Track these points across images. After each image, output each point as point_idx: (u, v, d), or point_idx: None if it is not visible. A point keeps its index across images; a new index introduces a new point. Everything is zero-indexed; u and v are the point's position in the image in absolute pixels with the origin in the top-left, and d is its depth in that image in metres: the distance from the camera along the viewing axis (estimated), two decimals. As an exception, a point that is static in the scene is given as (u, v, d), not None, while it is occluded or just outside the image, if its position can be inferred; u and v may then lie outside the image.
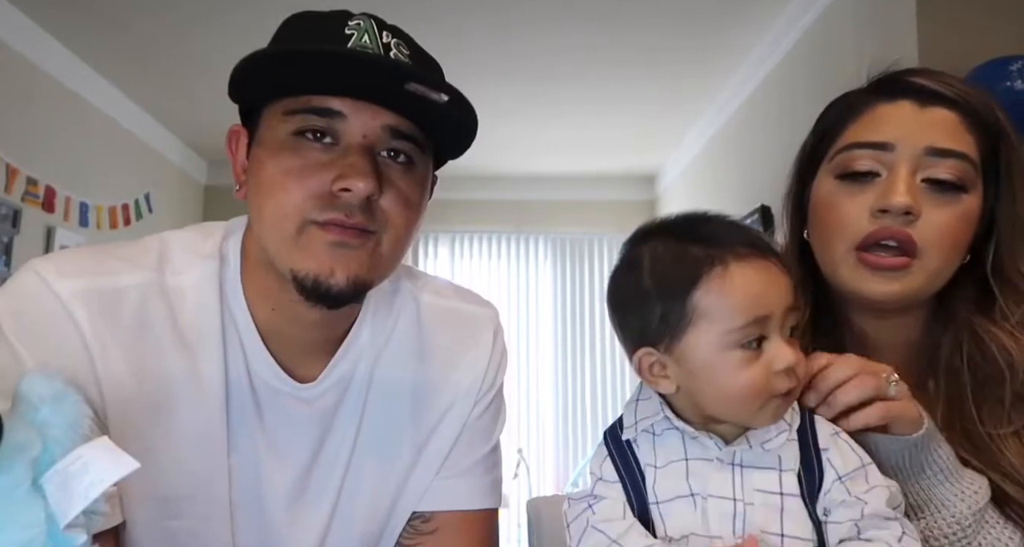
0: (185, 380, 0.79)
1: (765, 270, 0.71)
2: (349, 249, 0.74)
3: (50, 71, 3.30)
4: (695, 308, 0.71)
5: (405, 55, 0.75)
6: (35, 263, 0.77)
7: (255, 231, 0.79)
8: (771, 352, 0.70)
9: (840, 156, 0.85)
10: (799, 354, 0.71)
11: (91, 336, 0.74)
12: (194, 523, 0.81)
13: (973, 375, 0.82)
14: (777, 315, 0.70)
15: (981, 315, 0.84)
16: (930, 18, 2.12)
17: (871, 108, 0.85)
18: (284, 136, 0.74)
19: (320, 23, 0.76)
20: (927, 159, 0.81)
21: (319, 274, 0.73)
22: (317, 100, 0.73)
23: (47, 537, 0.49)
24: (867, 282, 0.82)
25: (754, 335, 0.70)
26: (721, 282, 0.70)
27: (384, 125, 0.74)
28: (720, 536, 0.70)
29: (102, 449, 0.52)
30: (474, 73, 3.45)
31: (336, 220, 0.72)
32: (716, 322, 0.70)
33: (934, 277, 0.82)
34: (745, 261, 0.70)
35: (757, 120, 3.39)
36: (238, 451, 0.82)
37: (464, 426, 0.92)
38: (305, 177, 0.73)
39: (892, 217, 0.80)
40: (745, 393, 0.70)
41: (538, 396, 5.20)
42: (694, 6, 2.88)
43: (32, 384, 0.54)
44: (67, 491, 0.50)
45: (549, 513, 1.32)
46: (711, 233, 0.73)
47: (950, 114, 0.83)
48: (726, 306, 0.70)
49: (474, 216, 5.24)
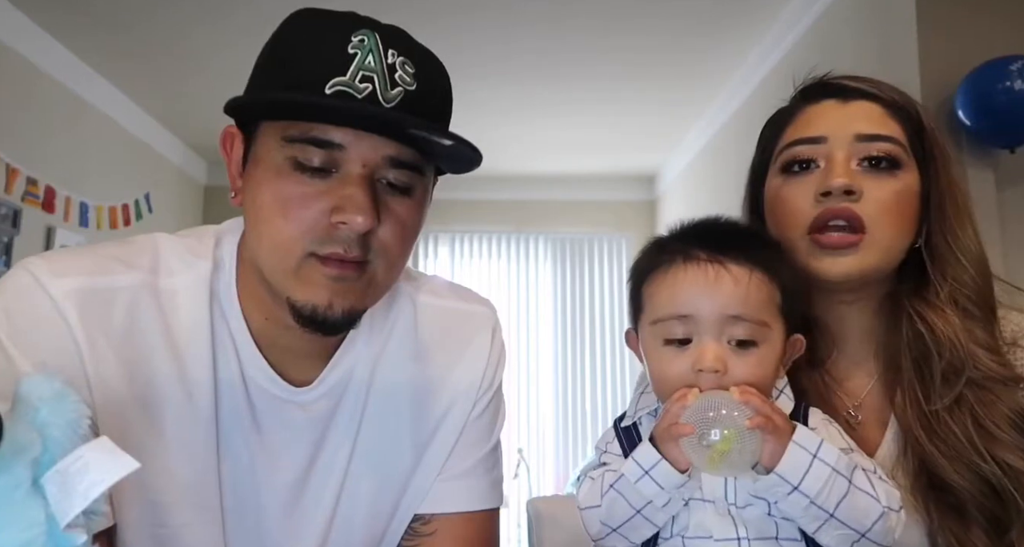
0: (174, 383, 0.78)
1: (703, 273, 0.75)
2: (347, 282, 0.74)
3: (50, 71, 3.30)
4: (642, 297, 0.81)
5: (409, 74, 0.73)
6: (28, 262, 0.76)
7: (252, 250, 0.78)
8: (693, 352, 0.75)
9: (782, 155, 0.92)
10: (715, 362, 0.74)
11: (82, 336, 0.74)
12: (184, 530, 0.79)
13: (912, 354, 0.87)
14: (706, 319, 0.75)
15: (917, 295, 0.88)
16: (930, 18, 2.11)
17: (800, 111, 0.93)
18: (281, 161, 0.72)
19: (322, 32, 0.73)
20: (858, 145, 0.87)
21: (317, 307, 0.73)
22: (318, 130, 0.71)
23: (47, 537, 0.49)
24: (822, 262, 0.85)
25: (679, 333, 0.76)
26: (659, 276, 0.79)
27: (385, 156, 0.73)
28: (712, 501, 0.75)
29: (102, 449, 0.52)
30: (474, 73, 3.45)
31: (335, 255, 0.72)
32: (649, 312, 0.79)
33: (886, 252, 0.86)
34: (691, 263, 0.77)
35: (757, 120, 3.37)
36: (231, 457, 0.81)
37: (464, 426, 0.91)
38: (303, 207, 0.72)
39: (835, 198, 0.85)
40: (666, 385, 0.77)
41: (538, 396, 5.20)
42: (694, 7, 2.88)
43: (32, 385, 0.54)
44: (67, 491, 0.50)
45: (549, 513, 1.33)
46: (696, 236, 0.80)
47: (872, 105, 0.89)
48: (655, 298, 0.79)
49: (474, 216, 5.24)
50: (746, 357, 0.75)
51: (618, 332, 5.21)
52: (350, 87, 0.70)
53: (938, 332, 0.85)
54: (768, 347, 0.76)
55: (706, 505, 0.75)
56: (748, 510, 0.74)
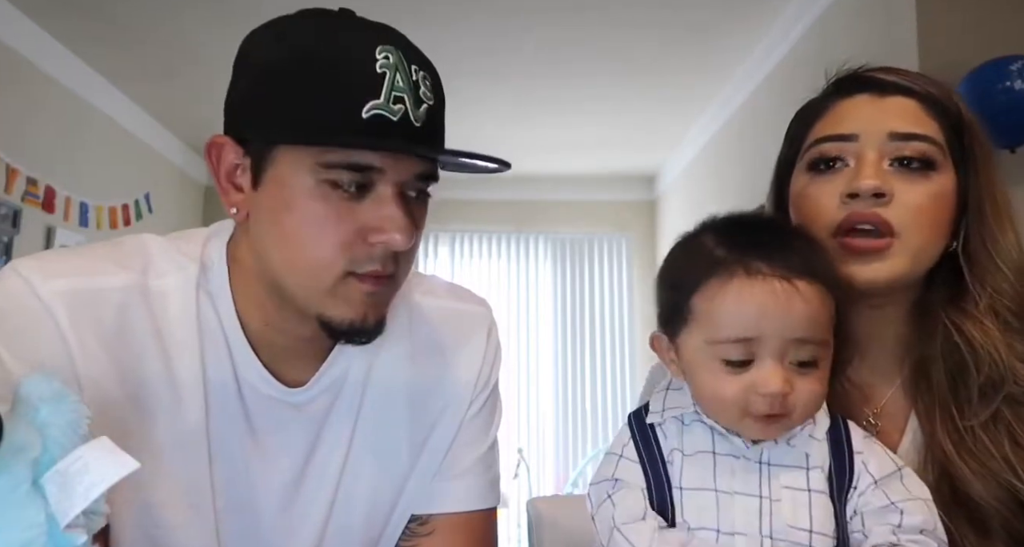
0: (164, 384, 0.78)
1: (771, 293, 0.68)
2: (380, 296, 0.76)
3: (50, 71, 3.30)
4: (691, 309, 0.72)
5: (429, 88, 0.73)
6: (18, 264, 0.76)
7: (270, 268, 0.76)
8: (756, 374, 0.69)
9: (809, 152, 0.86)
10: (784, 386, 0.68)
11: (72, 337, 0.73)
12: (178, 530, 0.79)
13: (947, 366, 0.82)
14: (770, 341, 0.68)
15: (953, 304, 0.83)
16: (930, 18, 2.12)
17: (832, 106, 0.87)
18: (312, 184, 0.71)
19: (344, 47, 0.71)
20: (892, 144, 0.82)
21: (354, 321, 0.74)
22: (356, 155, 0.70)
23: (47, 537, 0.49)
24: (849, 267, 0.80)
25: (739, 354, 0.69)
26: (717, 292, 0.70)
27: (416, 173, 0.74)
28: (744, 533, 0.70)
29: (102, 449, 0.52)
30: (473, 73, 3.44)
31: (374, 273, 0.73)
32: (704, 329, 0.71)
33: (918, 257, 0.81)
34: (753, 278, 0.69)
35: (757, 120, 3.39)
36: (224, 458, 0.81)
37: (461, 425, 0.91)
38: (337, 226, 0.71)
39: (863, 201, 0.80)
40: (719, 405, 0.71)
41: (538, 396, 5.20)
42: (694, 6, 2.88)
43: (32, 385, 0.54)
44: (67, 491, 0.50)
45: (549, 513, 1.32)
46: (748, 241, 0.72)
47: (909, 101, 0.84)
48: (714, 317, 0.70)
49: (474, 216, 5.24)
50: (808, 377, 0.70)
51: (618, 332, 5.21)
52: (386, 110, 0.69)
53: (976, 345, 0.80)
54: (826, 363, 0.72)
55: (735, 538, 0.70)
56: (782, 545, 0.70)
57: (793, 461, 0.72)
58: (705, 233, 0.77)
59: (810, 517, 0.70)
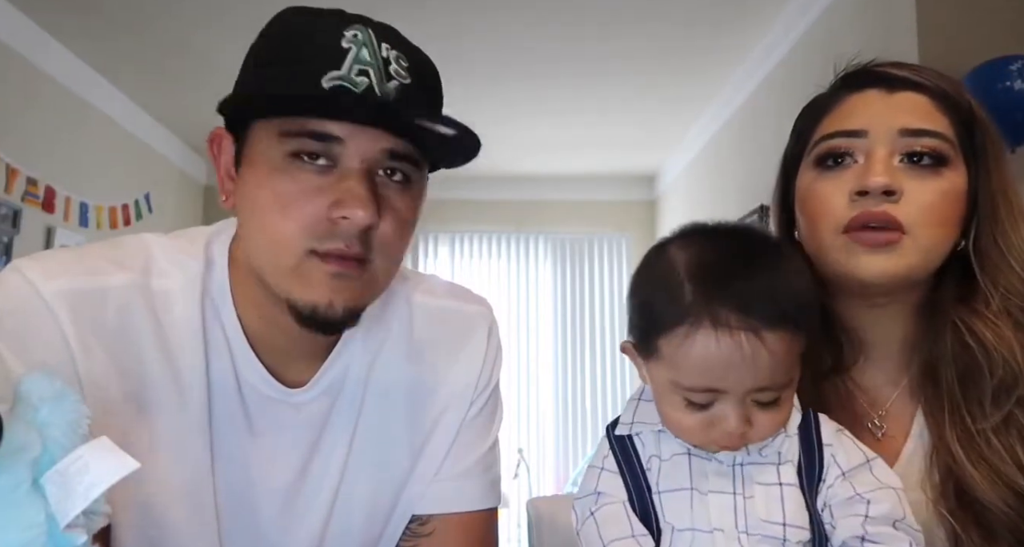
0: (166, 384, 0.78)
1: (737, 348, 0.66)
2: (347, 280, 0.73)
3: (50, 71, 3.30)
4: (658, 348, 0.71)
5: (404, 68, 0.72)
6: (19, 263, 0.76)
7: (248, 251, 0.77)
8: (718, 412, 0.70)
9: (817, 148, 0.85)
10: (742, 426, 0.69)
11: (74, 337, 0.73)
12: (179, 531, 0.79)
13: (957, 368, 0.80)
14: (733, 391, 0.68)
15: (963, 304, 0.81)
16: (930, 18, 2.12)
17: (841, 100, 0.85)
18: (278, 158, 0.71)
19: (314, 28, 0.72)
20: (902, 140, 0.80)
21: (318, 305, 0.72)
22: (315, 124, 0.70)
23: (47, 537, 0.49)
24: (859, 260, 0.79)
25: (701, 399, 0.70)
26: (683, 341, 0.68)
27: (383, 149, 0.72)
28: (722, 528, 0.71)
29: (102, 449, 0.52)
30: (473, 73, 3.45)
31: (336, 251, 0.71)
32: (669, 370, 0.71)
33: (927, 254, 0.80)
34: (720, 330, 0.66)
35: (757, 120, 3.39)
36: (224, 458, 0.81)
37: (461, 426, 0.91)
38: (302, 203, 0.71)
39: (872, 199, 0.78)
40: (681, 433, 0.73)
41: (538, 396, 5.20)
42: (694, 6, 2.88)
43: (32, 384, 0.54)
44: (67, 491, 0.50)
45: (549, 513, 1.33)
46: (717, 283, 0.68)
47: (919, 97, 0.82)
48: (679, 365, 0.69)
49: (474, 216, 5.25)
50: (769, 412, 0.70)
51: (618, 332, 5.21)
52: (347, 81, 0.69)
53: (989, 347, 0.78)
54: (790, 391, 0.72)
55: (715, 534, 0.71)
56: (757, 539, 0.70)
57: (765, 458, 0.73)
58: (677, 255, 0.73)
59: (783, 511, 0.71)
